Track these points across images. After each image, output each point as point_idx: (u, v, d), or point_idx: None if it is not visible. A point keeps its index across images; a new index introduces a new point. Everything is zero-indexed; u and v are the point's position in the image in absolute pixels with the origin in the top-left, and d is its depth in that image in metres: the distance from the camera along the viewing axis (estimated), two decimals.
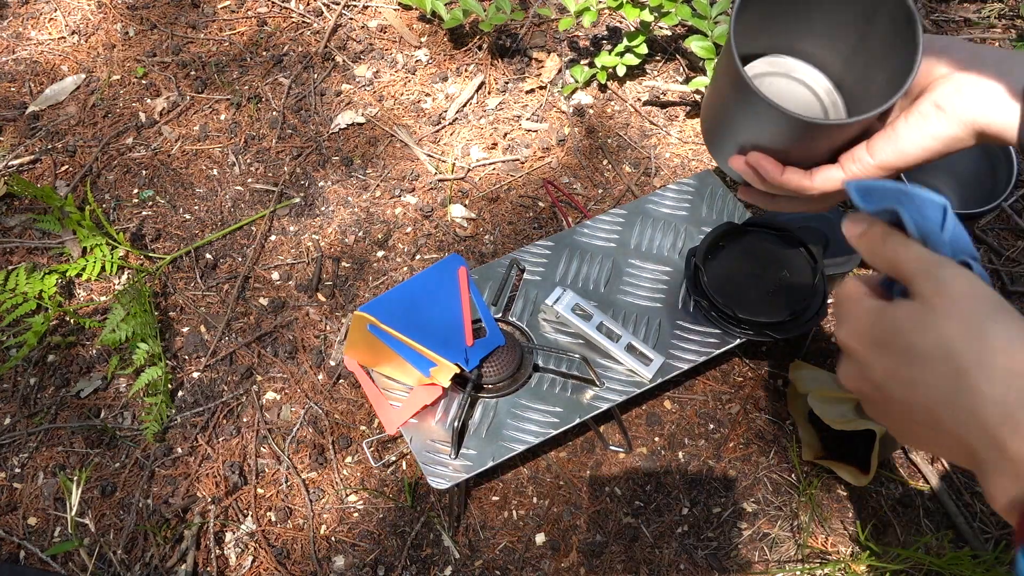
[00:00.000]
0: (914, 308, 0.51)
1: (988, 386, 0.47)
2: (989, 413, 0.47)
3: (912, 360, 0.50)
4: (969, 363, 0.48)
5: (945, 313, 0.49)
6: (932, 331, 0.49)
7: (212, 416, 1.07)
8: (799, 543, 0.96)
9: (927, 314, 0.50)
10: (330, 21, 1.47)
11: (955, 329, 0.49)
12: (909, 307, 0.51)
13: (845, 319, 0.55)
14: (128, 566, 0.97)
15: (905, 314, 0.51)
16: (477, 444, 0.92)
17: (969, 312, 0.49)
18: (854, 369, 0.55)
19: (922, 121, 0.66)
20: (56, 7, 1.52)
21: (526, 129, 1.34)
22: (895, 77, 0.68)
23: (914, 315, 0.51)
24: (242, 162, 1.31)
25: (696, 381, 1.08)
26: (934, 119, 0.65)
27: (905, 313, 0.51)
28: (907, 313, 0.51)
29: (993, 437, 0.47)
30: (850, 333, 0.54)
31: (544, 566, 0.96)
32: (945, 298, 0.50)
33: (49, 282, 1.14)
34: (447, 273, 0.99)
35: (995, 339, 0.48)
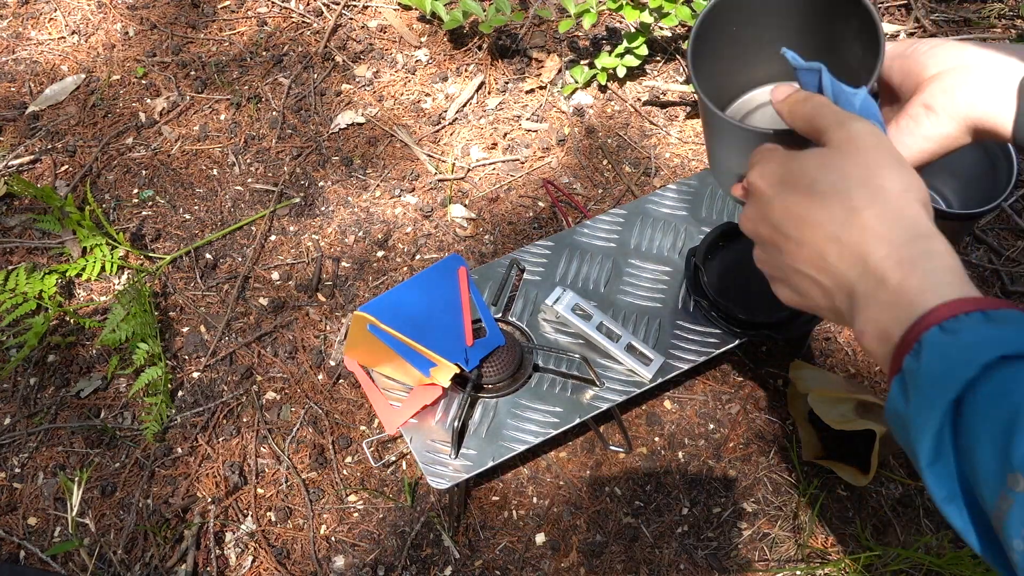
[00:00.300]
0: (822, 152, 0.54)
1: (877, 223, 0.50)
2: (874, 248, 0.50)
3: (812, 197, 0.53)
4: (863, 202, 0.51)
5: (850, 156, 0.53)
6: (835, 171, 0.53)
7: (212, 416, 1.07)
8: (799, 543, 0.96)
9: (833, 156, 0.53)
10: (330, 21, 1.47)
11: (856, 171, 0.52)
12: (818, 151, 0.55)
13: (757, 163, 0.58)
14: (128, 566, 0.97)
15: (814, 156, 0.54)
16: (477, 444, 0.92)
17: (872, 159, 0.52)
18: (755, 210, 0.57)
19: (913, 124, 0.66)
20: (56, 7, 1.52)
21: (526, 129, 1.34)
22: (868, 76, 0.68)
23: (822, 157, 0.54)
24: (242, 162, 1.31)
25: (696, 381, 1.08)
26: (925, 120, 0.65)
27: (814, 156, 0.54)
28: (815, 156, 0.54)
29: (875, 269, 0.50)
30: (760, 174, 0.57)
31: (544, 566, 0.96)
32: (852, 144, 0.53)
33: (49, 282, 1.14)
34: (447, 273, 0.99)
35: (891, 184, 0.51)
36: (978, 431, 0.44)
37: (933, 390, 0.46)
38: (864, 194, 0.51)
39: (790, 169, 0.55)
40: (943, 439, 0.45)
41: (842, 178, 0.52)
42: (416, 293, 0.97)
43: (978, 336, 0.45)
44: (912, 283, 0.49)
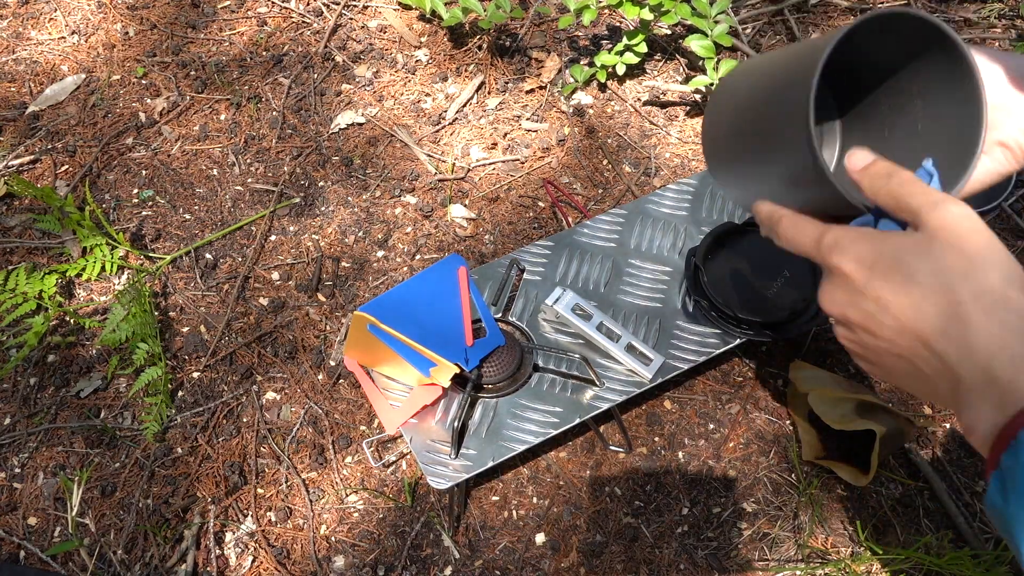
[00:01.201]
0: (919, 238, 0.51)
1: (983, 318, 0.48)
2: (983, 344, 0.48)
3: (910, 287, 0.50)
4: (968, 295, 0.49)
5: (949, 246, 0.50)
6: (935, 260, 0.50)
7: (212, 416, 1.07)
8: (799, 543, 0.96)
9: (932, 244, 0.50)
10: (330, 21, 1.47)
11: (958, 262, 0.49)
12: (914, 237, 0.51)
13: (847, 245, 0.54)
14: (128, 566, 0.97)
15: (910, 243, 0.51)
16: (477, 444, 0.92)
17: (972, 247, 0.50)
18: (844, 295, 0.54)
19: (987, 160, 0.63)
20: (56, 7, 1.52)
21: (526, 129, 1.34)
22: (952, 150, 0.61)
23: (919, 245, 0.51)
24: (242, 162, 1.31)
25: (696, 381, 1.08)
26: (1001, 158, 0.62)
27: (910, 242, 0.51)
28: (912, 242, 0.51)
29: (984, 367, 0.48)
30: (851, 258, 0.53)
31: (544, 566, 0.96)
32: (950, 232, 0.50)
33: (49, 282, 1.14)
34: (447, 273, 0.99)
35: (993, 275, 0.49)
36: None
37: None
38: (968, 287, 0.49)
39: (883, 254, 0.52)
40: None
41: (943, 269, 0.49)
42: (416, 293, 0.97)
43: None
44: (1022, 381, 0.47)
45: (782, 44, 1.45)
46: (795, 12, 1.48)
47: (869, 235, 0.53)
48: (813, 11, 1.49)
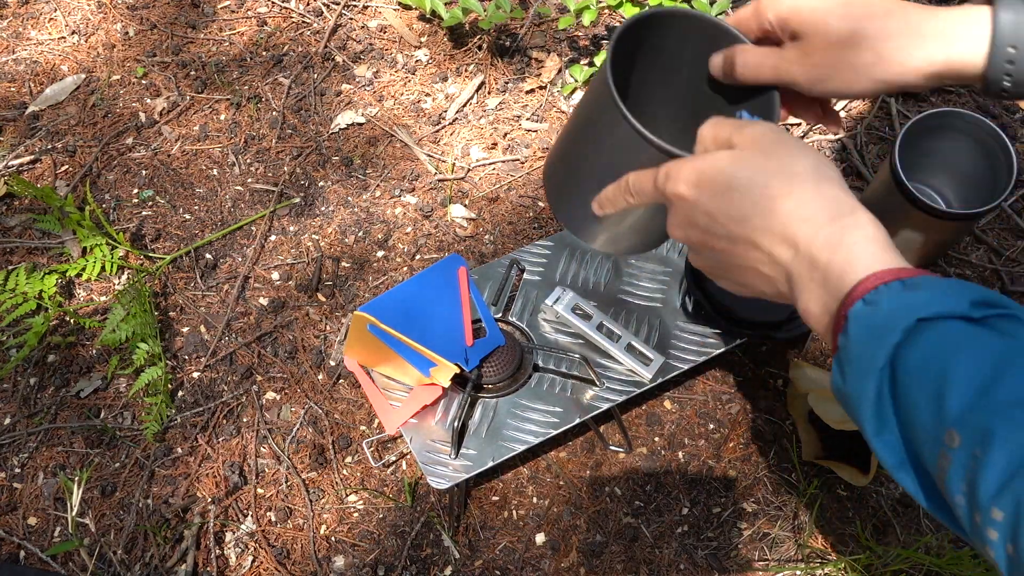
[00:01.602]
0: (734, 153, 0.56)
1: (798, 206, 0.53)
2: (800, 230, 0.52)
3: (733, 194, 0.55)
4: (782, 189, 0.53)
5: (761, 152, 0.55)
6: (748, 166, 0.55)
7: (212, 416, 1.07)
8: (799, 543, 0.96)
9: (745, 155, 0.56)
10: (330, 21, 1.47)
11: (767, 162, 0.55)
12: (730, 152, 0.57)
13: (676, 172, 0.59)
14: (128, 566, 0.97)
15: (727, 156, 0.56)
16: (477, 444, 0.92)
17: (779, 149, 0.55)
18: (680, 217, 0.59)
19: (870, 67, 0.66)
20: (56, 7, 1.52)
21: (526, 129, 1.34)
22: None
23: (734, 157, 0.56)
24: (242, 162, 1.31)
25: (696, 381, 1.08)
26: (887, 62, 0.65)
27: (727, 156, 0.56)
28: (729, 156, 0.56)
29: (805, 251, 0.52)
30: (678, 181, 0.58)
31: (544, 566, 0.96)
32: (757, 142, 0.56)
33: (49, 282, 1.14)
34: (447, 273, 0.99)
35: (802, 168, 0.54)
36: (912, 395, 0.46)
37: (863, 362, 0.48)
38: (780, 182, 0.54)
39: (703, 171, 0.56)
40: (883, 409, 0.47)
41: (756, 171, 0.54)
42: (416, 293, 0.97)
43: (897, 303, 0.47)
44: (838, 260, 0.51)
45: None
46: None
47: (694, 159, 0.58)
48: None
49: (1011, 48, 0.62)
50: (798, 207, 0.53)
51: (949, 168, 1.13)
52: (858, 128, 1.32)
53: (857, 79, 0.66)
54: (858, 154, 1.29)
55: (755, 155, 0.55)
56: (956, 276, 1.16)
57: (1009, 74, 0.63)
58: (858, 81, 0.66)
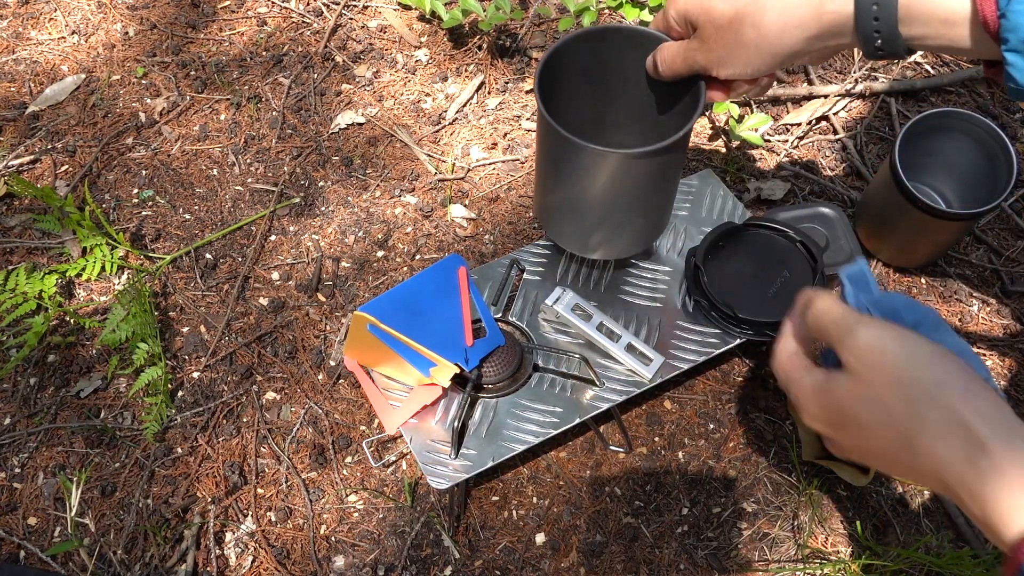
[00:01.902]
0: (847, 383, 0.54)
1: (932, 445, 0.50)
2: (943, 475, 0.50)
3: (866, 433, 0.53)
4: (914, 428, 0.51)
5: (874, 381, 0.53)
6: (869, 402, 0.53)
7: (212, 416, 1.07)
8: (799, 543, 0.96)
9: (859, 386, 0.53)
10: (330, 21, 1.47)
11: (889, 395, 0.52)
12: (844, 383, 0.55)
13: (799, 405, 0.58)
14: (128, 566, 0.97)
15: (843, 391, 0.54)
16: (477, 444, 0.92)
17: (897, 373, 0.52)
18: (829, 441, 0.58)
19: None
20: (56, 7, 1.52)
21: (526, 129, 1.34)
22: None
23: (850, 391, 0.54)
24: (242, 162, 1.31)
25: (696, 381, 1.08)
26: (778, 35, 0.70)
27: (842, 390, 0.55)
28: (843, 390, 0.54)
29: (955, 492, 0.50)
30: (809, 418, 0.58)
31: (544, 566, 0.96)
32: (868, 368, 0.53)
33: (49, 282, 1.14)
34: (447, 273, 1.00)
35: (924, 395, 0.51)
36: None
37: None
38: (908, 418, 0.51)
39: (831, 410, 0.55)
40: None
41: (880, 408, 0.52)
42: (416, 293, 0.97)
43: None
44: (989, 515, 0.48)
45: None
46: None
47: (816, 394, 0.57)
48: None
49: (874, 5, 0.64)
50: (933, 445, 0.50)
51: (949, 168, 1.13)
52: (858, 128, 1.32)
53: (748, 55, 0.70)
54: (858, 154, 1.29)
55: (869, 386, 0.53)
56: (956, 276, 1.16)
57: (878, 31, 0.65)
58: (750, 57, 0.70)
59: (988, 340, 1.11)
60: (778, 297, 0.98)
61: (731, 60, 0.72)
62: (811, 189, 1.25)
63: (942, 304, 1.14)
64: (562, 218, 0.94)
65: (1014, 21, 0.58)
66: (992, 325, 1.12)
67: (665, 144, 0.78)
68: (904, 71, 1.39)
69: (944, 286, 1.16)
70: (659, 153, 0.79)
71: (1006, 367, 1.08)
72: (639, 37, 0.84)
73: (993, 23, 0.60)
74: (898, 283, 1.16)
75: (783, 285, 0.99)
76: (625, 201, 0.88)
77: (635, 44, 0.84)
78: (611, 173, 0.82)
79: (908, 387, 0.51)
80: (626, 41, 0.85)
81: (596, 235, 0.94)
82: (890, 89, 1.34)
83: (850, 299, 0.61)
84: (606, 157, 0.79)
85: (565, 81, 0.88)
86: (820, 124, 1.34)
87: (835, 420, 0.55)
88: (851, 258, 1.05)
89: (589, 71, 0.89)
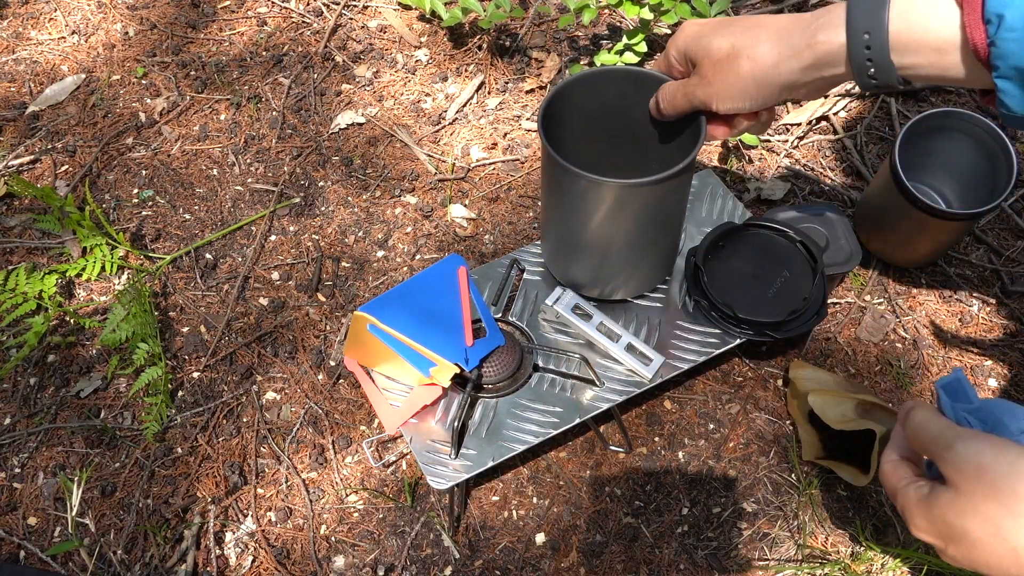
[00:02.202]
0: (951, 498, 0.55)
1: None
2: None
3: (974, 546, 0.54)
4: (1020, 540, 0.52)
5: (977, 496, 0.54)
6: (975, 516, 0.54)
7: (212, 416, 1.07)
8: (799, 543, 0.96)
9: (963, 501, 0.54)
10: (330, 21, 1.47)
11: (993, 509, 0.53)
12: (947, 497, 0.56)
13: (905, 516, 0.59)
14: (128, 566, 0.97)
15: (947, 505, 0.56)
16: (477, 444, 0.92)
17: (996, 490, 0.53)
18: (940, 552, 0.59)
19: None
20: (56, 7, 1.52)
21: (526, 129, 1.34)
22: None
23: (954, 505, 0.55)
24: (242, 162, 1.31)
25: (696, 381, 1.08)
26: None
27: (946, 505, 0.56)
28: (948, 504, 0.56)
29: None
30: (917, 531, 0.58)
31: (544, 566, 0.96)
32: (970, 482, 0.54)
33: (49, 282, 1.14)
34: (447, 273, 0.99)
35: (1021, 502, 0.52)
36: None
37: None
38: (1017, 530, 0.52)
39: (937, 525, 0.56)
40: None
41: (986, 521, 0.53)
42: (416, 293, 0.97)
43: None
44: None
45: None
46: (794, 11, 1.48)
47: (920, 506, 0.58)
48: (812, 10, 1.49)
49: (865, 34, 0.64)
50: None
51: (949, 168, 1.13)
52: (858, 128, 1.32)
53: (746, 87, 0.71)
54: (858, 154, 1.29)
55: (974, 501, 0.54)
56: (956, 276, 1.16)
57: (870, 59, 0.65)
58: (747, 89, 0.72)
59: (988, 340, 1.11)
60: (778, 297, 0.98)
61: (729, 93, 0.73)
62: (811, 189, 1.25)
63: (942, 304, 1.14)
64: (573, 260, 0.97)
65: (1003, 48, 0.58)
66: (992, 325, 1.12)
67: (667, 174, 0.80)
68: None
69: (944, 286, 1.16)
70: (661, 183, 0.81)
71: (1006, 367, 1.08)
72: (642, 78, 0.87)
73: (983, 50, 0.60)
74: (898, 283, 1.16)
75: (783, 285, 0.99)
76: (631, 236, 0.90)
77: (638, 85, 0.87)
78: (612, 205, 0.85)
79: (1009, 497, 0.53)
80: (629, 83, 0.88)
81: (606, 274, 0.97)
82: None
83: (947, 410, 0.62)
84: (609, 187, 0.82)
85: (568, 123, 0.91)
86: (820, 124, 1.34)
87: (943, 533, 0.56)
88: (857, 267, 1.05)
89: (592, 113, 0.92)
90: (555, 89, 0.87)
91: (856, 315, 1.12)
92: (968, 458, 0.55)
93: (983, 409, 0.62)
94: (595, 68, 0.90)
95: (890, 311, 1.13)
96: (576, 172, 0.81)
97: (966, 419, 0.61)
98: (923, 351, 1.10)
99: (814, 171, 1.28)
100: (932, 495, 0.57)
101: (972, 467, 0.54)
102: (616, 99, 0.90)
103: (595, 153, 0.96)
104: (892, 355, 1.09)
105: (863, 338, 1.11)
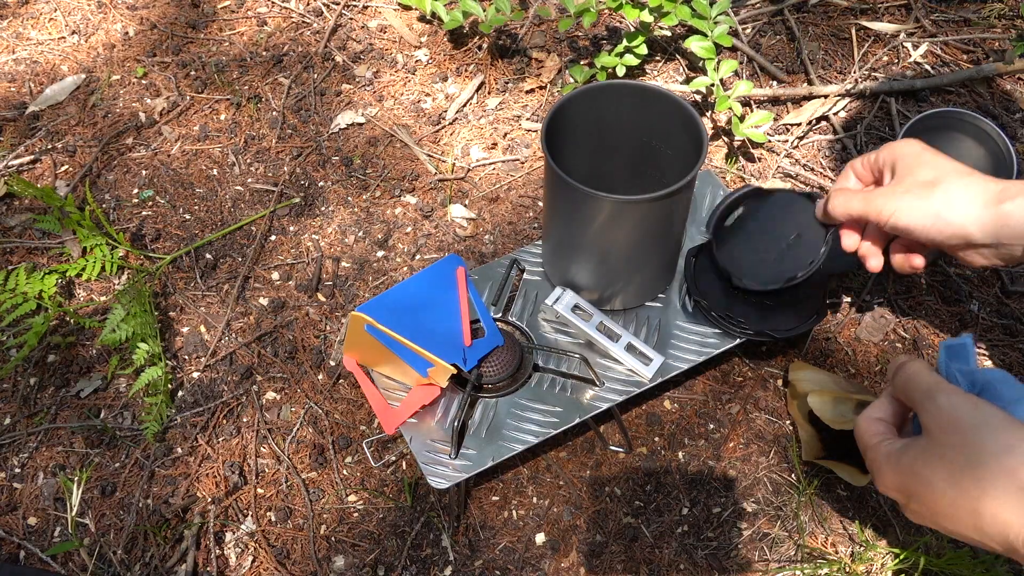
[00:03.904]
0: (922, 446, 0.57)
1: (1001, 509, 0.53)
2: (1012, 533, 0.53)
3: (936, 500, 0.56)
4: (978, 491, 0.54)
5: (947, 446, 0.55)
6: (941, 466, 0.56)
7: (212, 416, 1.07)
8: (799, 543, 0.96)
9: (933, 449, 0.56)
10: (330, 21, 1.47)
11: (960, 462, 0.55)
12: (919, 446, 0.58)
13: (873, 470, 0.62)
14: (128, 566, 0.97)
15: (917, 454, 0.58)
16: (477, 444, 0.92)
17: (965, 444, 0.55)
18: (903, 508, 0.61)
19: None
20: (56, 7, 1.52)
21: (526, 129, 1.34)
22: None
23: (924, 453, 0.57)
24: (242, 162, 1.31)
25: (696, 381, 1.08)
26: None
27: (917, 453, 0.58)
28: (918, 453, 0.58)
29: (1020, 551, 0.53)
30: (883, 487, 0.61)
31: (544, 566, 0.96)
32: (945, 432, 0.56)
33: (49, 282, 1.14)
34: (445, 273, 0.99)
35: (991, 460, 0.53)
36: None
37: None
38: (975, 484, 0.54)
39: (904, 474, 0.58)
40: None
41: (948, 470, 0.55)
42: (414, 293, 0.97)
43: None
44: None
45: (781, 44, 1.45)
46: (795, 12, 1.48)
47: (892, 459, 0.60)
48: (813, 11, 1.49)
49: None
50: (999, 509, 0.53)
51: None
52: (858, 128, 1.32)
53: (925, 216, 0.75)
54: (858, 154, 1.29)
55: (943, 449, 0.56)
56: (956, 276, 1.16)
57: None
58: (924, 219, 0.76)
59: (988, 340, 1.11)
60: (786, 256, 0.95)
61: (909, 211, 0.77)
62: (811, 189, 1.25)
63: (942, 304, 1.14)
64: (573, 268, 0.98)
65: None
66: (992, 325, 1.12)
67: (667, 192, 0.83)
68: (904, 71, 1.39)
69: (944, 286, 1.16)
70: (660, 200, 0.84)
71: (1006, 367, 1.08)
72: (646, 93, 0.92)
73: None
74: (898, 283, 1.16)
75: (793, 244, 0.95)
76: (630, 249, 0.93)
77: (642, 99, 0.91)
78: (611, 218, 0.87)
79: (976, 452, 0.54)
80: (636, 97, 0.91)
81: (605, 283, 0.98)
82: (890, 89, 1.34)
83: (942, 367, 0.64)
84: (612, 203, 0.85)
85: (570, 135, 0.93)
86: (820, 124, 1.34)
87: (908, 486, 0.58)
88: None
89: (595, 126, 0.95)
90: (559, 102, 0.89)
91: (856, 315, 1.13)
92: (947, 410, 0.57)
93: (977, 373, 0.63)
94: (600, 83, 0.93)
95: (890, 311, 1.13)
96: (583, 190, 0.83)
97: (956, 377, 0.63)
98: (923, 351, 1.10)
99: (814, 171, 1.28)
100: (904, 448, 0.59)
101: (948, 418, 0.56)
102: (620, 113, 0.92)
103: (597, 165, 0.98)
104: (892, 355, 1.09)
105: (863, 338, 1.11)
